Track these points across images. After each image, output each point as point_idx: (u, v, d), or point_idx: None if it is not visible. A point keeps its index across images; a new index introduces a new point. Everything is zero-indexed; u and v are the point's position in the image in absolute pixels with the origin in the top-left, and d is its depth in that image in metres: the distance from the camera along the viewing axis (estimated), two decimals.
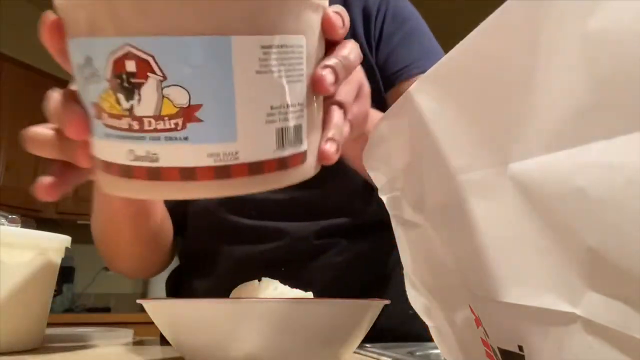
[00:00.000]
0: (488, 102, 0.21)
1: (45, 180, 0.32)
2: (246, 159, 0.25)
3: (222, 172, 0.25)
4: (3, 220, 0.55)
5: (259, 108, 0.25)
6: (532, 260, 0.19)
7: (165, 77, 0.23)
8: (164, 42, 0.23)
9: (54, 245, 0.55)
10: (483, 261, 0.22)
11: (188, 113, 0.24)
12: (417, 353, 0.58)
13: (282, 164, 0.27)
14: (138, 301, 0.51)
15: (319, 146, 0.30)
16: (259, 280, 0.48)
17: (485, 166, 0.21)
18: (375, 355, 0.50)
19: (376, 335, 0.55)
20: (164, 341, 0.61)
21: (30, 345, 0.53)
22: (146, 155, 0.24)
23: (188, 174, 0.25)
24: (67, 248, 0.58)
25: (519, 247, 0.20)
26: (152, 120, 0.24)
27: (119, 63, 0.24)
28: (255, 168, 0.26)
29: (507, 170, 0.19)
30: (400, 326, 0.66)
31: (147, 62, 0.23)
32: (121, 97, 0.24)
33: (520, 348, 0.21)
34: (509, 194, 0.19)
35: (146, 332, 0.71)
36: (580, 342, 0.17)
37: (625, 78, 0.14)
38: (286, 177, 0.28)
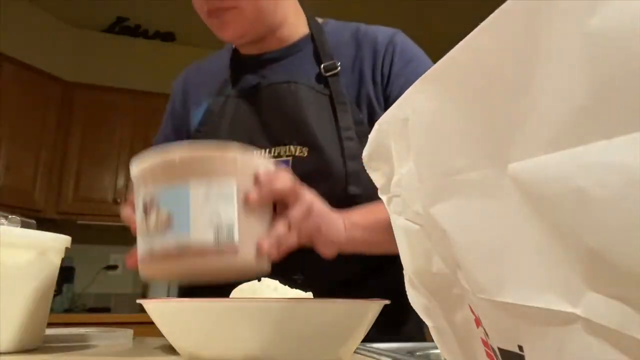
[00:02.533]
0: (488, 102, 0.21)
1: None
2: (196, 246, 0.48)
3: (181, 253, 0.48)
4: (3, 220, 0.56)
5: (204, 214, 0.49)
6: (532, 260, 0.19)
7: (159, 205, 0.51)
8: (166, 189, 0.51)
9: (54, 245, 0.55)
10: (482, 261, 0.22)
11: (168, 219, 0.49)
12: (417, 353, 0.58)
13: (219, 251, 0.48)
14: (138, 301, 0.51)
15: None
16: (259, 280, 0.48)
17: (485, 166, 0.21)
18: (375, 356, 0.50)
19: (376, 335, 0.55)
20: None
21: (30, 345, 0.53)
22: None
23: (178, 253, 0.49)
24: (67, 248, 0.58)
25: (519, 247, 0.20)
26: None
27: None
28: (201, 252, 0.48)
29: (507, 170, 0.19)
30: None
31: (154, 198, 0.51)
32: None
33: (520, 348, 0.21)
34: (509, 194, 0.19)
35: (146, 332, 0.72)
36: (580, 342, 0.17)
37: (626, 78, 0.14)
38: (224, 261, 0.49)
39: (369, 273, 0.82)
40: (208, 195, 0.49)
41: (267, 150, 0.80)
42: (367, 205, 0.73)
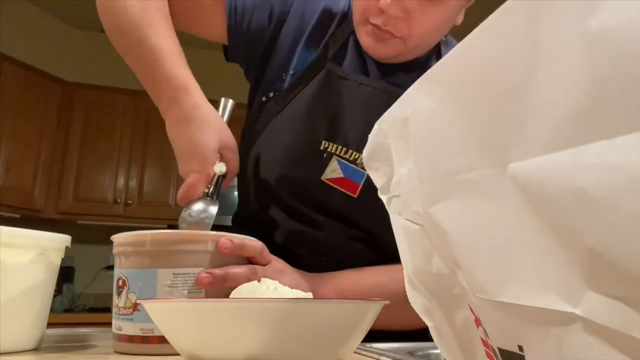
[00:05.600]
0: (488, 102, 0.21)
1: None
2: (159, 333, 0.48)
3: (144, 340, 0.51)
4: None
5: None
6: (532, 260, 0.19)
7: (129, 288, 0.53)
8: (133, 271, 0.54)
9: (54, 245, 0.55)
10: (482, 261, 0.22)
11: (135, 306, 0.52)
12: (417, 353, 0.58)
13: None
14: (138, 301, 0.51)
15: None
16: (259, 281, 0.48)
17: (485, 166, 0.21)
18: (375, 355, 0.50)
19: (376, 335, 0.55)
20: None
21: (30, 345, 0.53)
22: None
23: (140, 338, 0.52)
24: (67, 247, 0.58)
25: (519, 247, 0.20)
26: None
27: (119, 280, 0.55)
28: (164, 339, 0.45)
29: (507, 170, 0.19)
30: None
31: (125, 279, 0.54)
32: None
33: (520, 348, 0.21)
34: (509, 194, 0.19)
35: None
36: (580, 342, 0.17)
37: (625, 78, 0.14)
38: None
39: None
40: (175, 284, 0.52)
41: (345, 149, 0.73)
42: (359, 272, 0.71)
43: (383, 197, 0.33)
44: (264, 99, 0.79)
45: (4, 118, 2.87)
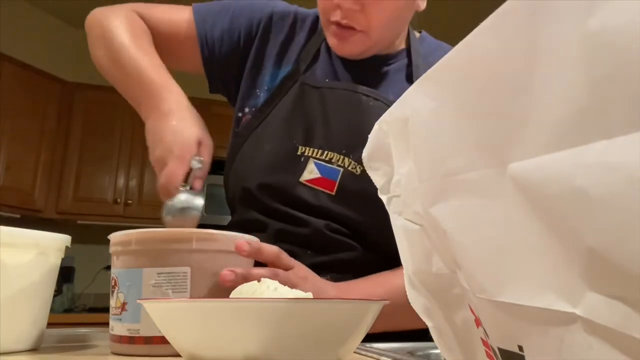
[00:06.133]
0: (488, 102, 0.21)
1: None
2: (144, 334, 0.51)
3: (131, 340, 0.51)
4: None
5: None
6: (532, 260, 0.19)
7: (119, 287, 0.53)
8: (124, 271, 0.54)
9: (54, 245, 0.55)
10: (482, 261, 0.22)
11: (123, 305, 0.52)
12: (417, 353, 0.58)
13: (163, 339, 0.44)
14: (138, 301, 0.51)
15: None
16: (259, 281, 0.48)
17: (485, 166, 0.21)
18: (375, 355, 0.50)
19: (376, 335, 0.55)
20: None
21: (30, 345, 0.53)
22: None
23: (127, 339, 0.51)
24: (67, 247, 0.58)
25: (519, 247, 0.20)
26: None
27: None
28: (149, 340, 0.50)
29: (507, 170, 0.19)
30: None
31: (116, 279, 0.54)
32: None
33: (520, 348, 0.21)
34: (509, 194, 0.19)
35: None
36: (580, 342, 0.17)
37: (625, 78, 0.14)
38: (169, 350, 0.45)
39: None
40: (159, 283, 0.52)
41: (321, 151, 0.77)
42: (381, 275, 0.73)
43: (383, 197, 0.33)
44: (239, 114, 0.85)
45: (4, 118, 2.87)
